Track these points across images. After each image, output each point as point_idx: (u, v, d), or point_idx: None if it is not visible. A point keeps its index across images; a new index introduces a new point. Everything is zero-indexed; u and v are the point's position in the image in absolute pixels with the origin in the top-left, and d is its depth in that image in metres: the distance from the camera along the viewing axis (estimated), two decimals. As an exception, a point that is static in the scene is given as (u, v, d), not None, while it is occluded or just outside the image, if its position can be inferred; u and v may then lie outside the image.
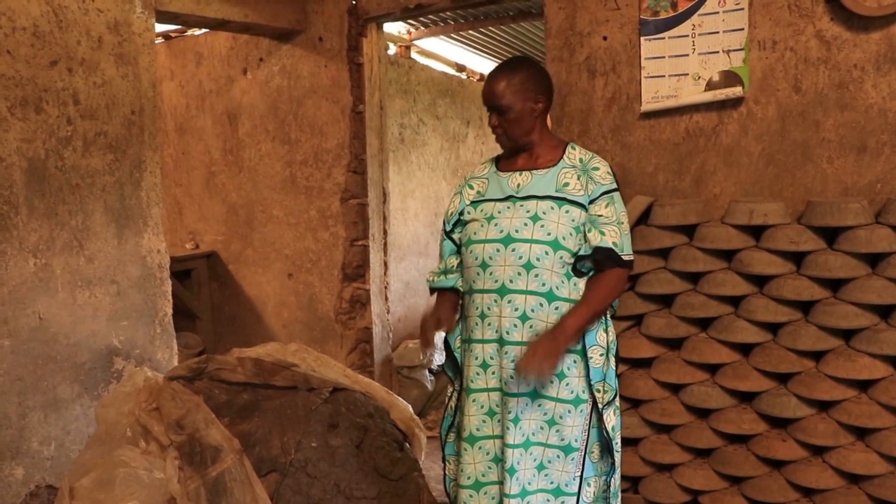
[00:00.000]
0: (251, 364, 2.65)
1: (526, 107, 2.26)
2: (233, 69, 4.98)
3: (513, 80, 2.25)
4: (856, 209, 2.79)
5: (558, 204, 2.22)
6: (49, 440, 3.07)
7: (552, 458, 2.20)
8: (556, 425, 2.19)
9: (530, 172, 2.30)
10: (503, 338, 2.22)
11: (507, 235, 2.22)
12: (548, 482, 2.20)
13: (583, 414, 2.20)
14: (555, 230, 2.19)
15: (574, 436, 2.19)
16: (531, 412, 2.20)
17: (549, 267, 2.18)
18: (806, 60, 3.03)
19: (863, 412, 2.78)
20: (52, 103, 3.04)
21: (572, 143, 2.38)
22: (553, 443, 2.20)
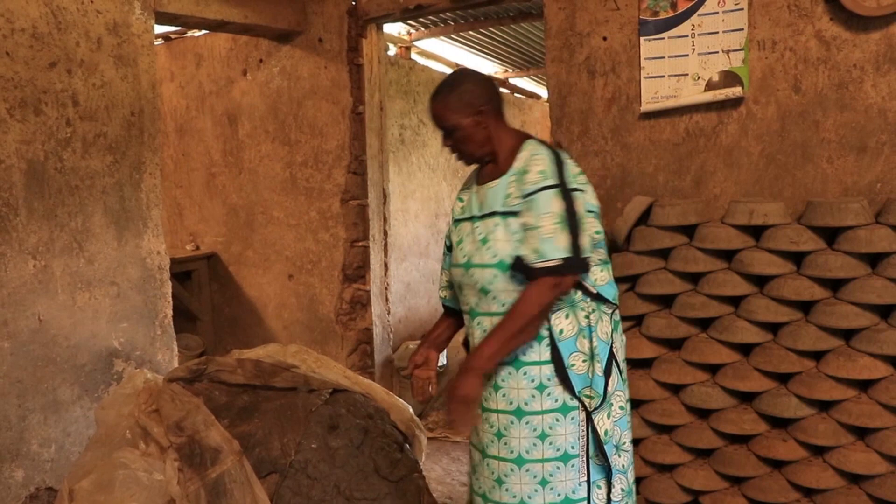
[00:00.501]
0: (251, 365, 2.65)
1: (470, 121, 2.20)
2: (232, 70, 4.98)
3: (450, 98, 2.22)
4: (856, 209, 2.79)
5: (503, 219, 2.16)
6: (49, 442, 3.07)
7: (553, 472, 2.14)
8: (549, 437, 2.13)
9: (486, 188, 2.24)
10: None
11: (467, 261, 2.21)
12: (554, 495, 2.14)
13: (575, 421, 2.14)
14: (501, 250, 2.12)
15: (570, 443, 2.14)
16: (518, 430, 2.16)
17: (503, 288, 2.14)
18: (805, 60, 3.03)
19: (863, 412, 2.77)
20: (52, 105, 3.04)
21: (529, 142, 2.23)
22: (549, 456, 2.14)
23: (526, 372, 2.15)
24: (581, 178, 2.20)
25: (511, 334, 2.08)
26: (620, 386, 2.24)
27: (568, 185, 2.12)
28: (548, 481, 2.14)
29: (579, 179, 2.18)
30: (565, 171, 2.14)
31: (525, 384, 2.15)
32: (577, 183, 2.16)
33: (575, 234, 2.07)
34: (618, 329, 2.28)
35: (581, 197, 2.15)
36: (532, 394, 2.15)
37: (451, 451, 4.20)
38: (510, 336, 2.08)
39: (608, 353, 2.20)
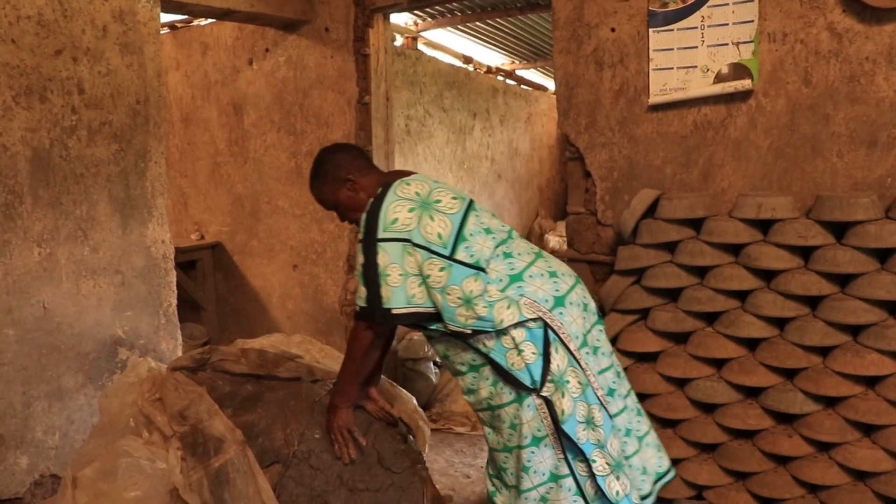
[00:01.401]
0: (255, 355, 2.64)
1: (344, 191, 2.44)
2: (238, 59, 4.96)
3: (320, 181, 2.49)
4: (865, 204, 2.77)
5: None
6: (53, 430, 3.08)
7: (530, 456, 2.22)
8: (518, 426, 2.23)
9: None
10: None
11: None
12: (539, 476, 2.23)
13: (531, 407, 2.19)
14: None
15: (535, 427, 2.20)
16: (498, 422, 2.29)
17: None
18: (817, 53, 3.00)
19: (870, 408, 2.76)
20: (57, 92, 3.03)
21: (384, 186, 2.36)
22: (524, 443, 2.23)
23: (482, 371, 2.29)
24: (401, 223, 2.25)
25: (348, 372, 2.39)
26: (572, 363, 2.23)
27: (376, 236, 2.24)
28: (529, 466, 2.23)
29: (396, 226, 2.24)
30: (378, 223, 2.25)
31: (484, 384, 2.29)
32: (389, 231, 2.24)
33: (372, 286, 2.23)
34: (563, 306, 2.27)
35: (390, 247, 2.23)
36: (490, 391, 2.27)
37: (455, 443, 4.20)
38: (349, 374, 2.39)
39: (541, 338, 2.21)
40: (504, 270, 2.27)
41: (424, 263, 2.22)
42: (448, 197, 2.34)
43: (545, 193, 9.66)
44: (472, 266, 2.23)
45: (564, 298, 2.28)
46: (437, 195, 2.33)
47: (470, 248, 2.26)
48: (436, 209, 2.28)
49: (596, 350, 2.35)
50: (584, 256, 3.57)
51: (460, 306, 2.20)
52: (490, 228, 2.34)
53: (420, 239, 2.23)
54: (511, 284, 2.25)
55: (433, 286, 2.21)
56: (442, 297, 2.21)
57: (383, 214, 2.25)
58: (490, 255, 2.27)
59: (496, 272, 2.26)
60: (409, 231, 2.23)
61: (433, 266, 2.22)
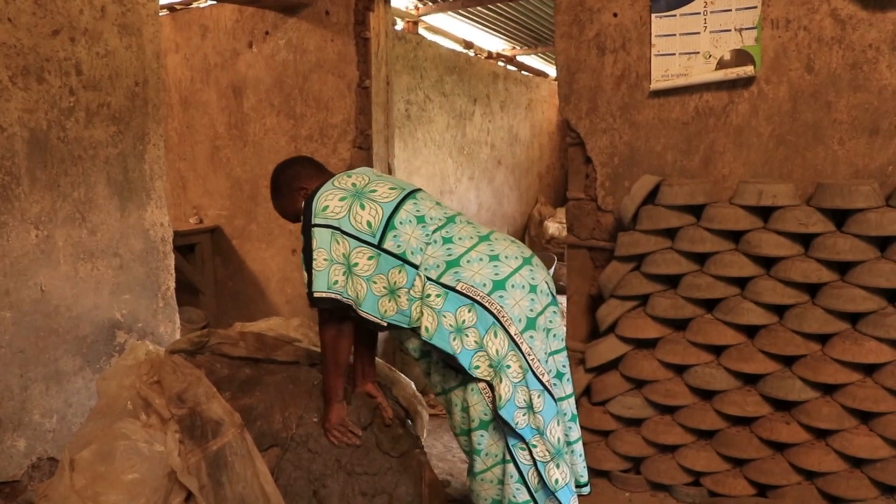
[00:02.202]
0: (253, 339, 2.64)
1: (298, 203, 2.51)
2: (238, 42, 4.93)
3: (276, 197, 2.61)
4: (866, 192, 2.76)
5: None
6: (51, 412, 3.07)
7: (479, 440, 2.27)
8: (468, 409, 2.27)
9: None
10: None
11: None
12: (491, 458, 2.28)
13: (475, 391, 2.22)
14: None
15: (481, 411, 2.24)
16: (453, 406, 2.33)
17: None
18: (819, 40, 2.98)
19: (868, 396, 2.77)
20: (55, 73, 3.00)
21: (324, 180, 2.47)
22: (474, 426, 2.27)
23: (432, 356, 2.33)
24: (330, 211, 2.33)
25: (326, 365, 2.41)
26: (512, 347, 2.21)
27: (310, 223, 2.34)
28: (479, 449, 2.28)
29: (325, 213, 2.33)
30: (311, 210, 2.35)
31: (435, 368, 2.34)
32: (319, 218, 2.33)
33: (308, 270, 2.32)
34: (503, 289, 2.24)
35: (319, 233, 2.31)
36: (441, 375, 2.33)
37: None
38: (327, 366, 2.41)
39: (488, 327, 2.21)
40: (441, 256, 2.28)
41: (353, 252, 2.28)
42: (385, 188, 2.39)
43: (545, 180, 9.64)
44: (398, 257, 2.28)
45: (505, 282, 2.25)
46: (375, 186, 2.39)
47: (398, 237, 2.29)
48: (369, 198, 2.33)
49: (548, 332, 2.33)
50: (584, 242, 3.57)
51: (384, 296, 2.28)
52: (423, 216, 2.35)
53: (349, 227, 2.29)
54: (448, 270, 2.25)
55: (360, 274, 2.27)
56: (367, 285, 2.27)
57: (316, 202, 2.34)
58: (418, 246, 2.29)
59: (433, 258, 2.27)
60: (338, 219, 2.30)
61: (361, 254, 2.29)
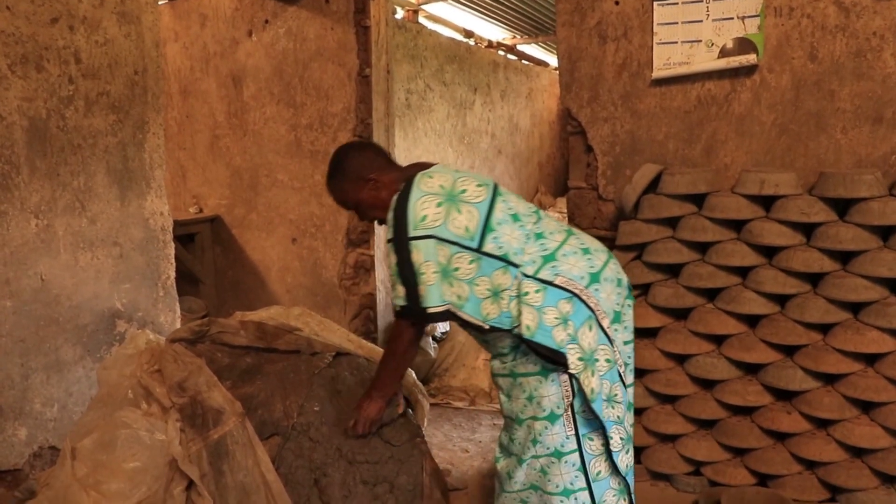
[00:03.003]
0: (254, 327, 2.63)
1: (365, 193, 2.39)
2: (238, 31, 4.91)
3: (339, 180, 2.43)
4: (869, 181, 2.75)
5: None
6: (52, 401, 3.07)
7: (542, 430, 2.22)
8: (536, 398, 2.22)
9: None
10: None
11: None
12: (543, 448, 2.23)
13: (556, 382, 2.18)
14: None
15: (555, 403, 2.19)
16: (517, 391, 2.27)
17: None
18: (823, 28, 2.96)
19: (869, 386, 2.76)
20: (53, 62, 2.99)
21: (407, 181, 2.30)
22: (539, 415, 2.22)
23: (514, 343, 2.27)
24: (430, 219, 2.20)
25: (389, 368, 2.37)
26: (603, 340, 2.22)
27: (408, 235, 2.20)
28: (538, 440, 2.22)
29: (425, 223, 2.20)
30: (407, 221, 2.21)
31: (520, 352, 2.26)
32: (420, 229, 2.19)
33: (409, 285, 2.19)
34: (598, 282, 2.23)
35: (423, 245, 2.19)
36: (516, 358, 2.26)
37: (453, 418, 4.21)
38: (389, 370, 2.38)
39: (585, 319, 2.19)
40: (537, 251, 2.23)
41: (453, 257, 2.19)
42: (473, 185, 2.28)
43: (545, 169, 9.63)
44: (501, 258, 2.20)
45: (599, 274, 2.24)
46: (462, 185, 2.27)
47: (498, 238, 2.22)
48: (462, 200, 2.23)
49: (623, 324, 2.35)
50: (585, 231, 3.55)
51: (487, 298, 2.20)
52: (517, 214, 2.29)
53: (448, 234, 2.19)
54: (545, 265, 2.20)
55: (462, 278, 2.20)
56: (470, 287, 2.20)
57: (412, 212, 2.21)
58: (519, 246, 2.22)
59: (529, 254, 2.22)
60: (437, 227, 2.19)
61: (462, 259, 2.20)
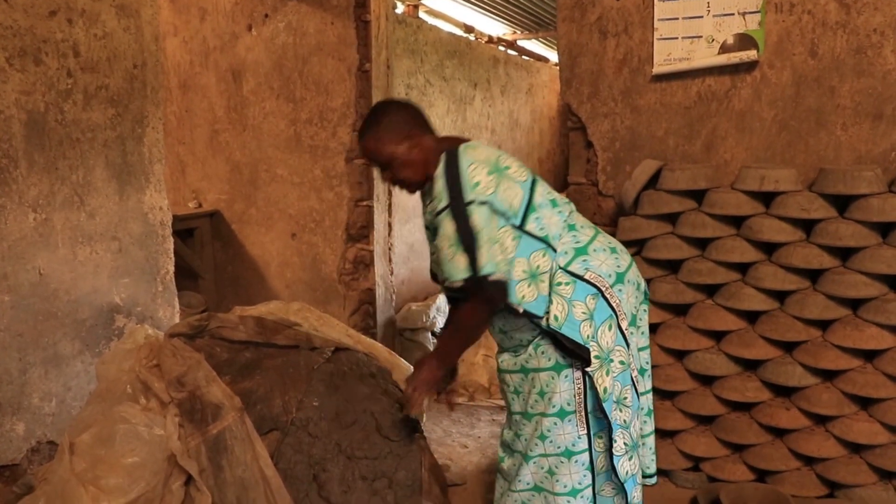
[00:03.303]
0: (253, 322, 2.63)
1: (404, 146, 2.19)
2: (237, 25, 4.90)
3: (378, 130, 2.20)
4: (869, 177, 2.75)
5: (430, 238, 2.28)
6: (50, 396, 3.07)
7: (551, 427, 2.19)
8: (547, 394, 2.19)
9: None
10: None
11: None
12: (554, 447, 2.20)
13: (569, 379, 2.15)
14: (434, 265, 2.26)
15: (565, 400, 2.16)
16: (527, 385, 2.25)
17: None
18: (824, 24, 2.96)
19: (868, 382, 2.76)
20: (52, 55, 2.98)
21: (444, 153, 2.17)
22: (549, 412, 2.19)
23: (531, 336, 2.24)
24: (483, 186, 2.09)
25: (458, 339, 2.26)
26: (620, 341, 2.20)
27: (465, 200, 2.07)
28: (546, 436, 2.20)
29: (479, 189, 2.09)
30: (462, 186, 2.09)
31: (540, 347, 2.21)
32: (475, 194, 2.08)
33: (471, 252, 2.05)
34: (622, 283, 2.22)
35: (479, 210, 2.07)
36: (530, 353, 2.22)
37: (452, 413, 4.21)
38: (458, 341, 2.27)
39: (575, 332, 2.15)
40: (570, 243, 2.19)
41: (499, 231, 2.11)
42: (515, 164, 2.21)
43: (545, 165, 9.61)
44: (542, 240, 2.15)
45: (624, 276, 2.23)
46: (505, 161, 2.20)
47: (540, 220, 2.16)
48: (506, 175, 2.15)
49: (640, 329, 2.34)
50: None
51: (523, 280, 2.14)
52: (555, 200, 2.25)
53: (499, 205, 2.11)
54: (576, 258, 2.17)
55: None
56: (509, 267, 2.12)
57: (465, 177, 2.09)
58: (558, 232, 2.18)
59: (563, 244, 2.19)
60: (489, 195, 2.09)
61: (507, 234, 2.12)
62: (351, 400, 2.48)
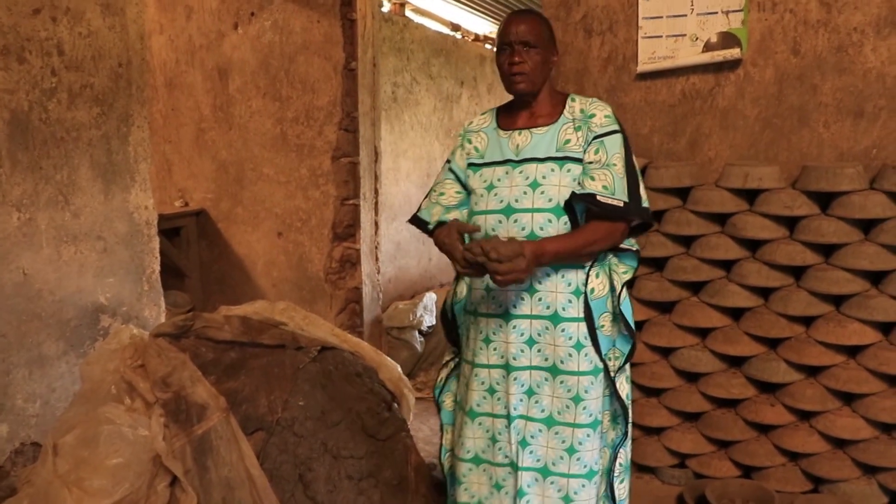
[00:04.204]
0: (238, 322, 2.63)
1: (549, 52, 2.16)
2: (223, 24, 4.88)
3: (541, 22, 2.16)
4: (851, 174, 2.77)
5: (559, 164, 2.09)
6: (34, 397, 3.05)
7: (583, 439, 2.08)
8: (583, 401, 2.08)
9: (530, 132, 2.15)
10: (509, 311, 2.14)
11: (507, 206, 2.10)
12: (581, 466, 2.09)
13: (602, 384, 2.11)
14: (556, 195, 2.06)
15: (599, 408, 2.11)
16: (552, 388, 2.12)
17: (554, 234, 2.06)
18: (805, 23, 2.98)
19: (851, 378, 2.79)
20: (36, 53, 2.96)
21: (573, 94, 2.21)
22: (581, 421, 2.08)
23: (564, 329, 2.10)
24: None
25: (573, 251, 2.04)
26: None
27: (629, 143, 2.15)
28: (576, 450, 2.09)
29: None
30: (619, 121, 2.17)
31: (563, 341, 2.10)
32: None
33: (637, 182, 2.10)
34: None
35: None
36: (569, 352, 2.10)
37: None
38: (572, 251, 2.04)
39: (628, 314, 2.17)
40: None
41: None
42: None
43: (532, 163, 9.63)
44: None
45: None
46: None
47: None
48: None
49: None
50: (571, 226, 3.56)
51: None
52: None
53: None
54: None
55: None
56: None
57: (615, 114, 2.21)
58: None
59: None
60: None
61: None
62: (337, 399, 2.49)
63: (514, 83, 2.13)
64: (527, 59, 2.10)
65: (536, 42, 2.11)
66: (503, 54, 2.14)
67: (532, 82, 2.12)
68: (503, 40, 2.13)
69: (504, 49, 2.13)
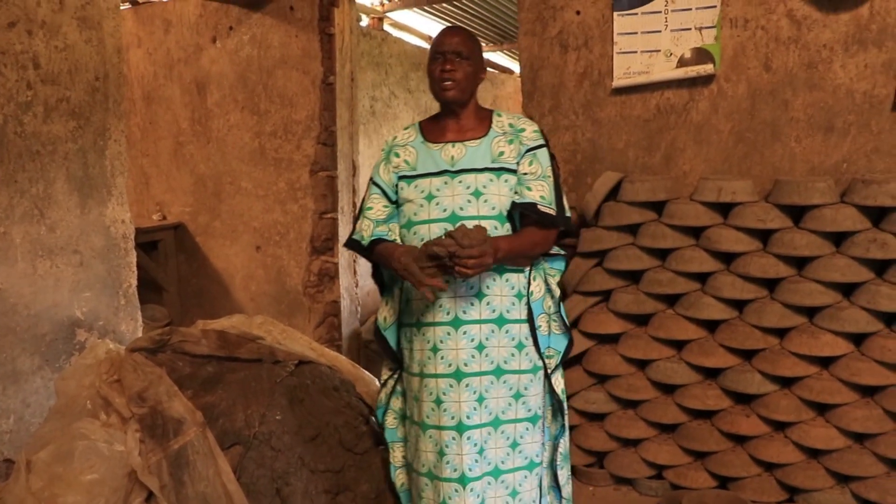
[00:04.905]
0: (215, 336, 2.62)
1: (478, 67, 2.28)
2: (202, 37, 4.88)
3: (474, 39, 2.29)
4: (822, 188, 2.82)
5: (497, 175, 2.21)
6: (8, 413, 3.02)
7: (523, 433, 2.20)
8: (523, 397, 2.21)
9: (463, 144, 2.25)
10: (458, 318, 2.18)
11: (451, 213, 2.18)
12: (522, 458, 2.21)
13: (540, 381, 2.25)
14: (498, 203, 2.19)
15: (538, 404, 2.23)
16: (496, 389, 2.20)
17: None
18: (777, 39, 3.03)
19: (824, 388, 2.82)
20: (11, 67, 2.95)
21: (497, 110, 2.34)
22: (521, 416, 2.21)
23: (508, 330, 2.21)
24: None
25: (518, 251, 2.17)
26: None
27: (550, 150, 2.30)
28: (518, 443, 2.21)
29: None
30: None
31: (506, 342, 2.21)
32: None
33: (561, 194, 2.26)
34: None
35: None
36: (512, 352, 2.21)
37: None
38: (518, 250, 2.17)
39: (561, 315, 2.31)
40: None
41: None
42: None
43: (511, 176, 9.67)
44: None
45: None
46: None
47: None
48: None
49: None
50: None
51: None
52: None
53: None
54: None
55: None
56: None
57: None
58: None
59: None
60: None
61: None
62: (314, 413, 2.48)
63: (444, 89, 2.22)
64: (458, 68, 2.22)
65: (469, 55, 2.23)
66: (435, 63, 2.25)
67: (461, 90, 2.23)
68: (437, 49, 2.25)
69: (437, 58, 2.24)
